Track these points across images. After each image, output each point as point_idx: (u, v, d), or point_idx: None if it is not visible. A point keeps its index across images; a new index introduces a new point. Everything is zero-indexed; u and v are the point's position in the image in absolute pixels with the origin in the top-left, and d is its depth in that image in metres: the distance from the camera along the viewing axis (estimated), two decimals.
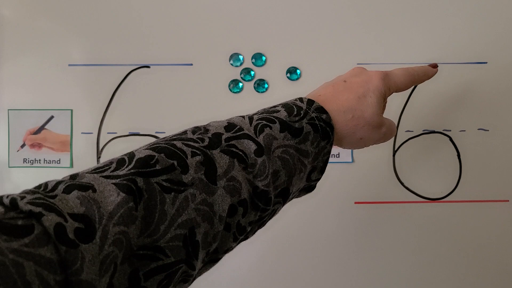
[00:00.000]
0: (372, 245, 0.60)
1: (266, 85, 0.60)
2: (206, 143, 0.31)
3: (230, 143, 0.31)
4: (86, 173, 0.27)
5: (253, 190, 0.31)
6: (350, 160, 0.60)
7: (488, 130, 0.60)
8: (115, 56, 0.61)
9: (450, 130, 0.60)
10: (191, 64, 0.61)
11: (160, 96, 0.61)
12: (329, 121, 0.36)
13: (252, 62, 0.60)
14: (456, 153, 0.60)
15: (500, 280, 0.60)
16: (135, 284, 0.26)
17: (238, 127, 0.33)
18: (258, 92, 0.60)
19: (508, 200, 0.60)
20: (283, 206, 0.35)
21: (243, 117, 0.35)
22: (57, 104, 0.61)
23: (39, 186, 0.26)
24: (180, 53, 0.61)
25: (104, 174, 0.27)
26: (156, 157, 0.28)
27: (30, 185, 0.26)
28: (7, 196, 0.24)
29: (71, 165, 0.61)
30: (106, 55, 0.61)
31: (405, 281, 0.60)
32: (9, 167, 0.61)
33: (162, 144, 0.30)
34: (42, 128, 0.62)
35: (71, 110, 0.61)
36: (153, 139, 0.61)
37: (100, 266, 0.23)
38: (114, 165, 0.28)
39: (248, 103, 0.60)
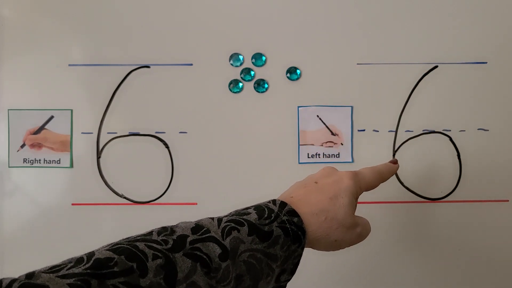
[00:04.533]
0: (372, 244, 0.60)
1: (266, 85, 0.60)
2: (169, 245, 0.31)
3: (194, 246, 0.31)
4: (42, 272, 0.27)
5: None
6: (350, 160, 0.60)
7: (488, 130, 0.60)
8: (115, 56, 0.61)
9: (450, 130, 0.60)
10: (191, 64, 0.61)
11: (160, 96, 0.61)
12: (300, 224, 0.36)
13: (252, 62, 0.60)
14: (456, 153, 0.60)
15: (500, 280, 0.60)
16: None
17: (205, 229, 0.33)
18: (258, 92, 0.61)
19: (508, 200, 0.60)
20: None
21: (212, 219, 0.35)
22: (57, 104, 0.61)
23: None
24: (180, 53, 0.61)
25: (60, 273, 0.27)
26: (115, 259, 0.28)
27: (30, 185, 0.26)
28: None
29: (71, 165, 0.61)
30: (106, 55, 0.61)
31: (405, 281, 0.60)
32: (9, 167, 0.61)
33: (124, 245, 0.30)
34: (42, 128, 0.62)
35: (71, 110, 0.61)
36: (153, 139, 0.61)
37: None
38: (71, 264, 0.28)
39: (248, 103, 0.60)
